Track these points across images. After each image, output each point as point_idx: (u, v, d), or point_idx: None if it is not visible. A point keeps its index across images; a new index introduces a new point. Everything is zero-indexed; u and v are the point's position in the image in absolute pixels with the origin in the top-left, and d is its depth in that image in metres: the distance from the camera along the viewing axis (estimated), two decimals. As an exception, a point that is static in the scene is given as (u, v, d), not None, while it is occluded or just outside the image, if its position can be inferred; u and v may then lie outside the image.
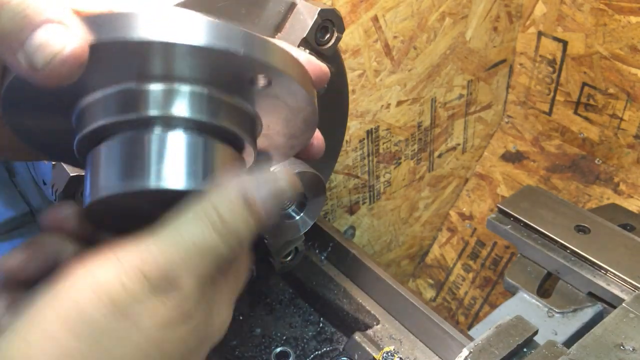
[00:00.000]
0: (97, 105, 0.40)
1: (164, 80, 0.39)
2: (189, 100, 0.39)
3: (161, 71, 0.38)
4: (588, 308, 0.98)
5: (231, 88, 0.40)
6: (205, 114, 0.39)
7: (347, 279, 0.91)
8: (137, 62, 0.37)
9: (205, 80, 0.39)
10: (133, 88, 0.38)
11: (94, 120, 0.39)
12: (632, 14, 1.20)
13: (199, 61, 0.38)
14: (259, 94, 0.41)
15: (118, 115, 0.39)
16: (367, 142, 1.28)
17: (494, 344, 0.72)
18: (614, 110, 1.34)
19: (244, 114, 0.42)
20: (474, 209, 1.62)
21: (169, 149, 0.39)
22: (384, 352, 0.79)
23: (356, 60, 1.14)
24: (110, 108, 0.39)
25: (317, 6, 0.68)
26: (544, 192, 1.18)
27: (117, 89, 0.39)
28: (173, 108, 0.39)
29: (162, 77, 0.38)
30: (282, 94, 0.41)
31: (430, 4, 1.20)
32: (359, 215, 1.40)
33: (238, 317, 0.90)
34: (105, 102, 0.39)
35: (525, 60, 1.46)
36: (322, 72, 0.47)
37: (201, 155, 0.40)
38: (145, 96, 0.38)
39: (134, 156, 0.39)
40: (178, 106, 0.39)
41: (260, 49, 0.38)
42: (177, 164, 0.39)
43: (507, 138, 1.59)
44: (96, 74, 0.38)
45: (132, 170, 0.39)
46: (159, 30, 0.35)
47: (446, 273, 1.66)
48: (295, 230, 0.73)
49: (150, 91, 0.38)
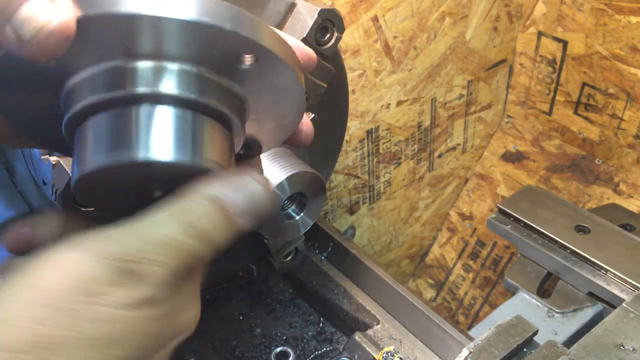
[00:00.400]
0: (85, 84, 0.40)
1: (152, 58, 0.39)
2: (177, 78, 0.39)
3: (149, 48, 0.38)
4: (588, 308, 0.98)
5: (220, 67, 0.40)
6: (193, 92, 0.40)
7: (347, 279, 0.91)
8: (125, 38, 0.37)
9: (193, 58, 0.39)
10: (121, 65, 0.39)
11: (82, 98, 0.39)
12: (632, 14, 1.20)
13: (186, 37, 0.38)
14: (247, 76, 0.41)
15: (106, 92, 0.39)
16: (367, 142, 1.28)
17: (494, 344, 0.72)
18: (614, 110, 1.34)
19: (233, 95, 0.42)
20: (474, 209, 1.62)
21: (157, 122, 0.39)
22: (384, 352, 0.79)
23: (356, 60, 1.14)
24: (98, 86, 0.39)
25: (317, 6, 0.68)
26: (544, 192, 1.18)
27: (104, 67, 0.39)
28: (161, 85, 0.39)
29: (150, 54, 0.38)
30: (270, 73, 0.41)
31: (430, 4, 1.20)
32: (359, 215, 1.40)
33: (238, 317, 0.90)
34: (93, 80, 0.39)
35: (525, 60, 1.46)
36: (309, 57, 0.47)
37: (190, 128, 0.40)
38: (133, 74, 0.39)
39: (122, 130, 0.39)
40: (166, 84, 0.39)
41: (248, 26, 0.38)
42: (165, 137, 0.39)
43: (507, 138, 1.59)
44: (84, 51, 0.38)
45: (119, 143, 0.39)
46: (147, 5, 0.36)
47: (446, 273, 1.66)
48: (295, 230, 0.73)
49: (138, 68, 0.39)
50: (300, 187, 0.69)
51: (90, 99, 0.39)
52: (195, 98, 0.40)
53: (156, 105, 0.39)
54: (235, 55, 0.39)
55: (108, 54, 0.38)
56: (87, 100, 0.39)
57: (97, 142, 0.40)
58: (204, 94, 0.40)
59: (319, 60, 0.70)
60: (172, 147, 0.39)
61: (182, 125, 0.40)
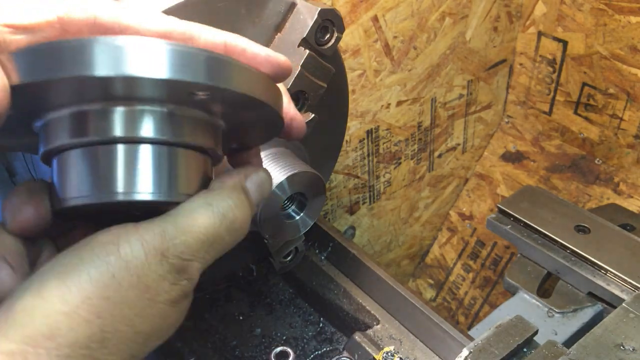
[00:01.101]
0: (58, 125, 0.41)
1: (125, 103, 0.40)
2: (150, 120, 0.41)
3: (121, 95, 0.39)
4: (588, 308, 0.98)
5: (183, 102, 0.41)
6: (167, 133, 0.41)
7: (347, 279, 0.91)
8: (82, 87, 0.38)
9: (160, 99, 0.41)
10: (92, 109, 0.40)
11: (57, 138, 0.41)
12: (632, 14, 1.20)
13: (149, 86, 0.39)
14: (212, 102, 0.42)
15: (80, 136, 0.40)
16: (367, 142, 1.28)
17: (494, 344, 0.72)
18: (614, 110, 1.34)
19: (202, 122, 0.44)
20: (474, 209, 1.62)
21: (136, 162, 0.41)
22: (384, 352, 0.79)
23: (356, 60, 1.14)
24: (72, 128, 0.40)
25: (317, 6, 0.68)
26: (544, 192, 1.18)
27: (75, 110, 0.40)
28: (137, 130, 0.40)
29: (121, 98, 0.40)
30: (230, 100, 0.43)
31: (430, 4, 1.20)
32: (359, 215, 1.40)
33: (238, 317, 0.90)
34: (66, 122, 0.40)
35: (525, 60, 1.46)
36: (280, 66, 0.47)
37: (166, 165, 0.42)
38: (107, 118, 0.40)
39: (102, 169, 0.40)
40: (142, 127, 0.40)
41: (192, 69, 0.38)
42: (145, 176, 0.41)
43: (507, 138, 1.59)
44: (47, 99, 0.39)
45: (100, 182, 0.40)
46: (72, 65, 0.36)
47: (446, 273, 1.66)
48: (295, 230, 0.73)
49: (112, 112, 0.40)
50: (300, 187, 0.69)
51: (66, 140, 0.41)
52: (168, 139, 0.41)
53: (134, 146, 0.41)
54: (187, 92, 0.40)
55: (74, 100, 0.40)
56: (63, 142, 0.41)
57: (77, 179, 0.41)
58: (176, 132, 0.42)
59: (319, 60, 0.70)
60: (151, 186, 0.41)
61: (159, 163, 0.41)
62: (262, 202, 0.47)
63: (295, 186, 0.68)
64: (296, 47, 0.68)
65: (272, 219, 0.68)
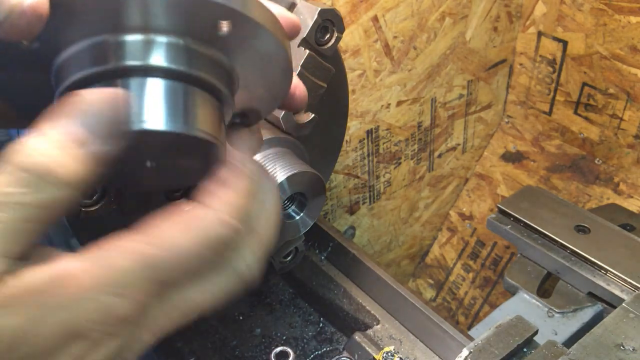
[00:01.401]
0: (74, 59, 0.40)
1: (140, 31, 0.40)
2: (165, 50, 0.40)
3: (136, 22, 0.39)
4: (588, 308, 0.98)
5: (203, 38, 0.41)
6: (182, 64, 0.41)
7: (347, 279, 0.91)
8: (110, 14, 0.38)
9: (178, 30, 0.40)
10: (109, 40, 0.39)
11: (72, 73, 0.40)
12: (632, 14, 1.20)
13: (168, 9, 0.39)
14: (231, 45, 0.42)
15: (96, 66, 0.40)
16: (367, 142, 1.28)
17: (494, 344, 0.72)
18: (614, 110, 1.34)
19: (219, 65, 0.43)
20: (474, 209, 1.62)
21: (149, 93, 0.40)
22: (384, 352, 0.79)
23: (356, 60, 1.14)
24: (88, 61, 0.40)
25: (317, 6, 0.68)
26: (544, 192, 1.18)
27: (93, 42, 0.40)
28: (151, 58, 0.40)
29: (137, 27, 0.39)
30: (251, 40, 0.42)
31: (430, 4, 1.20)
32: (359, 215, 1.40)
33: (238, 317, 0.90)
34: (82, 55, 0.40)
35: (525, 60, 1.46)
36: (293, 23, 0.47)
37: (181, 99, 0.41)
38: (123, 47, 0.39)
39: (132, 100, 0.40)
40: (156, 56, 0.40)
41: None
42: (157, 107, 0.40)
43: (507, 138, 1.59)
44: (70, 27, 0.39)
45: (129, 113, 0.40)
46: None
47: (446, 273, 1.66)
48: (295, 230, 0.73)
49: (127, 42, 0.39)
50: (300, 187, 0.69)
51: (81, 73, 0.40)
52: (184, 70, 0.40)
53: (147, 78, 0.40)
54: (212, 23, 0.40)
55: (95, 29, 0.39)
56: (77, 75, 0.40)
57: None
58: (192, 65, 0.41)
59: (319, 60, 0.70)
60: (164, 116, 0.40)
61: (173, 96, 0.40)
62: None
63: (295, 186, 0.68)
64: (296, 47, 0.68)
65: (272, 219, 0.68)
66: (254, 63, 0.45)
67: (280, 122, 0.71)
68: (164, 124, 0.39)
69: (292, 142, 0.73)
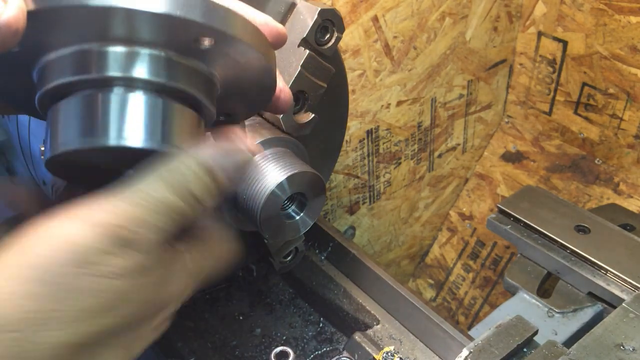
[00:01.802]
0: (58, 64, 0.41)
1: (124, 43, 0.40)
2: (147, 62, 0.41)
3: (119, 34, 0.39)
4: (588, 308, 0.98)
5: (184, 50, 0.42)
6: (163, 76, 0.41)
7: (347, 279, 0.91)
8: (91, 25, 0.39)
9: (159, 43, 0.41)
10: (93, 49, 0.40)
11: (55, 77, 0.41)
12: (632, 14, 1.20)
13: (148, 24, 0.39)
14: (211, 55, 0.43)
15: (79, 74, 0.40)
16: (367, 142, 1.28)
17: (494, 344, 0.72)
18: (614, 110, 1.34)
19: (199, 74, 0.44)
20: (474, 209, 1.62)
21: (130, 108, 0.41)
22: (384, 352, 0.79)
23: (356, 60, 1.14)
24: (71, 67, 0.40)
25: (317, 6, 0.68)
26: (544, 192, 1.18)
27: (77, 49, 0.40)
28: (133, 70, 0.40)
29: (121, 39, 0.40)
30: (232, 52, 0.43)
31: (430, 4, 1.20)
32: (359, 215, 1.40)
33: (238, 317, 0.91)
34: (65, 61, 0.40)
35: (525, 60, 1.46)
36: (278, 33, 0.49)
37: (159, 115, 0.42)
38: (106, 57, 0.40)
39: (95, 114, 0.40)
40: (137, 68, 0.40)
41: (203, 12, 0.39)
42: (137, 123, 0.41)
43: (507, 138, 1.59)
44: (53, 34, 0.39)
45: (92, 127, 0.40)
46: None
47: (446, 273, 1.66)
48: (295, 230, 0.73)
49: (110, 52, 0.40)
50: (300, 187, 0.69)
51: (63, 79, 0.40)
52: (164, 82, 0.41)
53: (128, 91, 0.41)
54: (193, 38, 0.41)
55: (78, 38, 0.40)
56: (60, 80, 0.41)
57: (70, 125, 0.41)
58: (172, 78, 0.42)
59: (319, 60, 0.70)
60: (143, 133, 0.41)
61: (153, 112, 0.41)
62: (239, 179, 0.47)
63: (295, 186, 0.68)
64: (296, 47, 0.68)
65: (272, 219, 0.68)
66: (235, 72, 0.46)
67: (280, 122, 0.71)
68: (142, 141, 0.41)
69: (292, 142, 0.73)
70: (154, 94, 0.41)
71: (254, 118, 0.74)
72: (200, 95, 0.44)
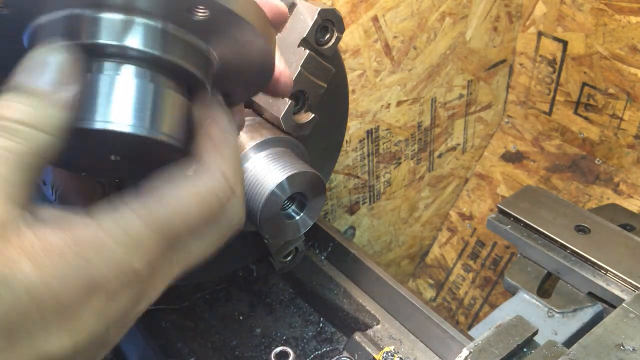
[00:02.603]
0: (49, 28, 0.39)
1: (118, 10, 0.39)
2: (141, 32, 0.39)
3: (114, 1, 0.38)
4: (588, 308, 0.98)
5: (181, 23, 0.40)
6: (157, 48, 0.40)
7: (347, 279, 0.91)
8: None
9: (155, 13, 0.39)
10: (85, 14, 0.39)
11: (47, 41, 0.39)
12: (632, 14, 1.20)
13: None
14: (211, 31, 0.41)
15: (70, 40, 0.39)
16: (367, 142, 1.28)
17: (494, 344, 0.72)
18: (614, 110, 1.34)
19: (195, 49, 0.42)
20: (474, 209, 1.62)
21: (118, 90, 0.39)
22: (384, 352, 0.79)
23: (356, 60, 1.14)
24: (62, 32, 0.39)
25: (317, 6, 0.68)
26: (544, 192, 1.18)
27: (70, 13, 0.39)
28: (126, 40, 0.39)
29: (116, 6, 0.39)
30: (228, 27, 0.42)
31: (430, 4, 1.20)
32: (359, 215, 1.40)
33: (238, 317, 0.91)
34: (56, 25, 0.39)
35: (525, 60, 1.46)
36: (279, 11, 0.47)
37: (150, 99, 0.40)
38: (98, 24, 0.39)
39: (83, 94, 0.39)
40: (131, 38, 0.39)
41: None
42: (125, 107, 0.39)
43: (507, 138, 1.59)
44: None
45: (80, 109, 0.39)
46: None
47: (446, 273, 1.66)
48: (295, 230, 0.73)
49: (103, 19, 0.39)
50: (300, 187, 0.69)
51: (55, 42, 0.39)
52: (158, 54, 0.40)
53: (118, 70, 0.39)
54: (188, 8, 0.39)
55: (72, 2, 0.39)
56: None
57: None
58: (166, 50, 0.40)
59: (319, 60, 0.70)
60: (131, 118, 0.39)
61: (142, 95, 0.40)
62: None
63: (295, 186, 0.68)
64: (296, 47, 0.68)
65: (272, 219, 0.68)
66: (234, 50, 0.44)
67: (280, 122, 0.71)
68: (129, 126, 0.39)
69: (292, 142, 0.73)
70: (145, 67, 0.40)
71: (254, 118, 0.74)
72: (195, 70, 0.42)
